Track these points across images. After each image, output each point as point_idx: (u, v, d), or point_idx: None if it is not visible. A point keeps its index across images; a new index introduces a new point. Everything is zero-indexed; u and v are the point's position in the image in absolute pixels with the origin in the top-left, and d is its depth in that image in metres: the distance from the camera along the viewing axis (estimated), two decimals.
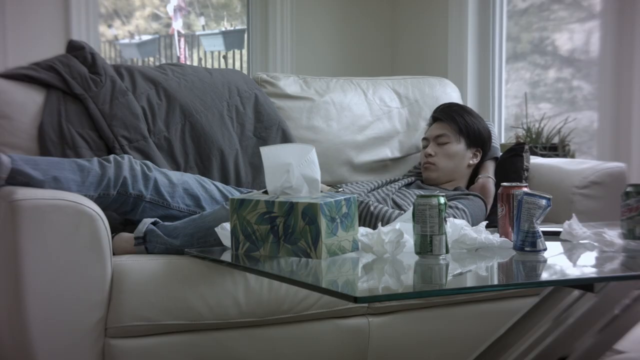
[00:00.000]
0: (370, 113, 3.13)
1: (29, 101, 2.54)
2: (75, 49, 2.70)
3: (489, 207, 2.73)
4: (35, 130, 2.51)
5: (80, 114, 2.56)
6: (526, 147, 2.91)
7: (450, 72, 3.75)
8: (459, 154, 2.83)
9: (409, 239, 1.88)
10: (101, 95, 2.59)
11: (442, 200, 1.84)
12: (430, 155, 2.83)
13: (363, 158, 3.10)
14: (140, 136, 2.58)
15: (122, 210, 2.38)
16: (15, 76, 2.57)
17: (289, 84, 3.05)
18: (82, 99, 2.57)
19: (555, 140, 3.35)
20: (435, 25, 3.88)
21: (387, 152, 3.14)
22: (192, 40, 5.06)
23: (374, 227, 2.16)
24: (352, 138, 3.08)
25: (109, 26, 4.46)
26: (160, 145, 2.62)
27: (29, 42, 3.38)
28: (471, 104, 3.74)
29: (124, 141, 2.55)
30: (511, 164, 2.89)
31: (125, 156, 2.36)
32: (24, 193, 2.14)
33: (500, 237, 2.00)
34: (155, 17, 4.57)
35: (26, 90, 2.55)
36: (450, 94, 3.29)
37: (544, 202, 1.89)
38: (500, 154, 2.93)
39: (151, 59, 4.79)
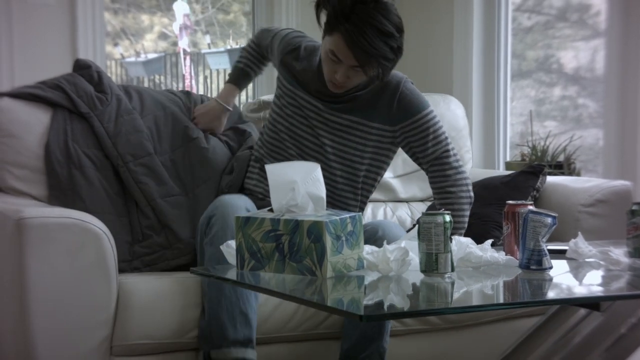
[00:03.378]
0: None
1: (34, 120, 2.55)
2: (81, 67, 2.71)
3: None
4: (42, 149, 2.51)
5: (86, 132, 2.57)
6: (545, 169, 2.91)
7: (455, 89, 3.76)
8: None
9: (415, 257, 1.87)
10: (106, 114, 2.60)
11: (448, 218, 1.84)
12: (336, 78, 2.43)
13: None
14: (145, 152, 2.59)
15: None
16: (22, 95, 2.58)
17: None
18: (88, 118, 2.58)
19: (561, 158, 3.35)
20: (441, 42, 3.89)
21: (392, 169, 3.15)
22: (198, 59, 5.08)
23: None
24: None
25: (115, 45, 4.48)
26: (166, 164, 2.63)
27: (36, 60, 3.39)
28: (476, 121, 3.75)
29: (128, 157, 2.56)
30: (524, 181, 2.89)
31: None
32: (30, 211, 2.15)
33: (506, 255, 1.99)
34: (162, 35, 4.60)
35: (32, 109, 2.56)
36: (455, 110, 3.30)
37: (549, 220, 1.88)
38: None
39: (157, 77, 4.80)
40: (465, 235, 2.02)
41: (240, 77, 2.77)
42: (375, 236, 2.27)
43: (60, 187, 2.49)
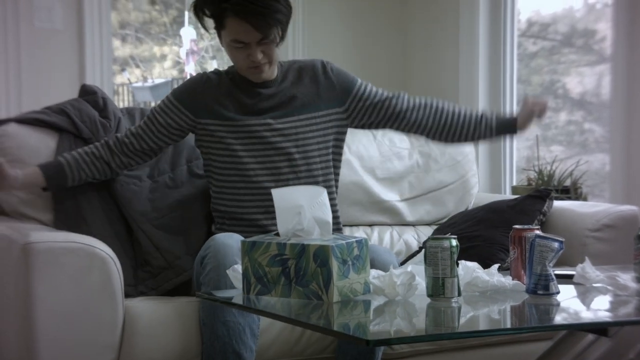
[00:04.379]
0: (379, 154, 3.14)
1: (41, 145, 2.56)
2: (87, 93, 2.73)
3: None
4: None
5: None
6: (552, 194, 2.91)
7: None
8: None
9: (421, 282, 1.87)
10: None
11: (454, 242, 1.83)
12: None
13: (374, 199, 3.10)
14: (137, 179, 2.60)
15: None
16: (28, 120, 2.59)
17: None
18: (90, 143, 2.58)
19: (568, 182, 3.35)
20: (447, 68, 3.90)
21: (398, 193, 3.15)
22: None
23: None
24: (362, 179, 3.08)
25: (122, 70, 4.51)
26: (165, 183, 2.63)
27: (43, 86, 3.41)
28: (482, 146, 3.75)
29: (123, 183, 2.57)
30: (531, 204, 2.88)
31: None
32: (37, 236, 2.15)
33: (513, 280, 1.99)
34: (169, 61, 4.62)
35: (39, 135, 2.57)
36: None
37: (556, 244, 1.88)
38: None
39: None
40: (471, 257, 2.01)
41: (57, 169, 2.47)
42: None
43: (65, 211, 2.50)
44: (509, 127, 2.58)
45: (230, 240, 2.25)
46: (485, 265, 2.01)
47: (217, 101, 2.48)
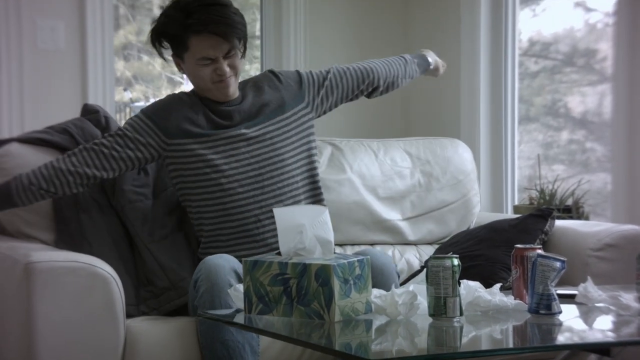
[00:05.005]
0: (381, 173, 3.14)
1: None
2: (89, 112, 2.74)
3: None
4: None
5: None
6: (554, 213, 2.91)
7: (462, 133, 3.77)
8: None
9: (423, 301, 1.87)
10: None
11: (456, 262, 1.83)
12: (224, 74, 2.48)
13: (375, 218, 3.10)
14: (143, 196, 2.60)
15: None
16: (31, 140, 2.60)
17: None
18: None
19: (569, 201, 3.35)
20: (448, 88, 3.91)
21: (400, 212, 3.15)
22: None
23: None
24: (363, 198, 3.08)
25: (125, 89, 4.52)
26: (167, 199, 2.63)
27: (46, 105, 3.42)
28: (484, 164, 3.75)
29: (126, 201, 2.56)
30: (533, 224, 2.88)
31: None
32: (39, 255, 2.15)
33: (515, 299, 1.98)
34: (171, 80, 4.64)
35: (42, 154, 2.57)
36: (462, 154, 3.31)
37: (558, 264, 1.88)
38: None
39: None
40: (472, 277, 2.02)
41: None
42: None
43: (68, 232, 2.50)
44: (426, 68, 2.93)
45: (221, 260, 2.25)
46: (487, 284, 2.01)
47: (189, 120, 2.51)
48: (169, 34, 2.48)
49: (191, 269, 2.50)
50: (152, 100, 4.94)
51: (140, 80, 4.48)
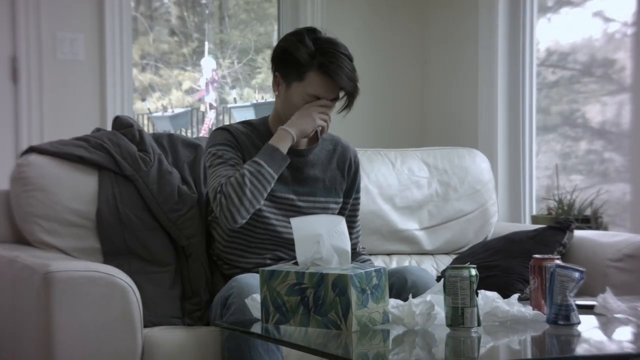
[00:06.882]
0: (398, 183, 3.14)
1: (64, 174, 2.55)
2: (123, 126, 2.69)
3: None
4: (74, 203, 2.53)
5: (132, 194, 2.56)
6: (573, 225, 2.89)
7: (480, 143, 3.77)
8: None
9: (440, 311, 1.86)
10: (150, 175, 2.58)
11: (474, 272, 1.83)
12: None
13: (392, 227, 3.10)
14: (187, 208, 2.59)
15: None
16: (66, 156, 2.57)
17: None
18: (133, 180, 2.57)
19: (588, 212, 3.33)
20: (466, 98, 3.91)
21: (417, 221, 3.14)
22: (224, 112, 5.14)
23: None
24: (380, 208, 3.08)
25: (143, 100, 4.55)
26: (201, 202, 2.63)
27: (65, 115, 3.46)
28: (502, 175, 3.74)
29: (175, 216, 2.56)
30: (551, 236, 2.87)
31: None
32: (58, 265, 2.17)
33: (533, 310, 1.98)
34: (189, 90, 4.66)
35: (78, 174, 2.56)
36: (480, 164, 3.30)
37: (577, 274, 1.87)
38: None
39: (183, 130, 4.87)
40: (489, 287, 2.01)
41: None
42: (405, 286, 2.26)
43: (115, 252, 2.50)
44: None
45: (253, 280, 2.23)
46: (503, 295, 2.00)
47: (250, 155, 2.43)
48: (294, 57, 2.39)
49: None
50: (170, 112, 4.97)
51: (158, 90, 4.50)
